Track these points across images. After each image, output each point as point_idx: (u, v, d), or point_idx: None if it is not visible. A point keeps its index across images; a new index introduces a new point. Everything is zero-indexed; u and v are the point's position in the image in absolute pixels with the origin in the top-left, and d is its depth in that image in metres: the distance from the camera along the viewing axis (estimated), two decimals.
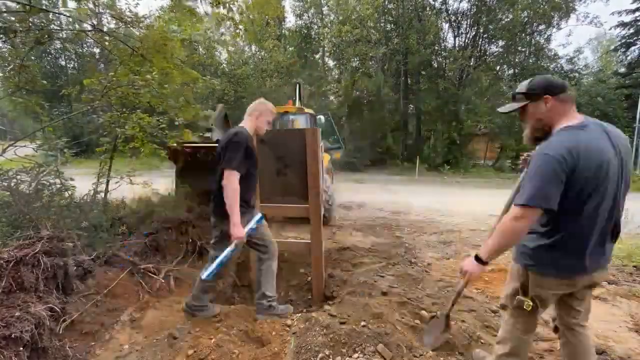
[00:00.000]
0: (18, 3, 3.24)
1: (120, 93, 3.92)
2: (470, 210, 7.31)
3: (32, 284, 2.22)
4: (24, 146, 3.55)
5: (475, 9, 17.14)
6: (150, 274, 3.18)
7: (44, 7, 3.93)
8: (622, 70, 20.94)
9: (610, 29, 20.91)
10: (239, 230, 2.28)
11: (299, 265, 3.98)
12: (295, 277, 3.86)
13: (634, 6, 18.69)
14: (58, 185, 3.36)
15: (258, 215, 2.57)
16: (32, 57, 16.31)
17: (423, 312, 2.69)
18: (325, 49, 20.75)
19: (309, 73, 19.49)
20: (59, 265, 2.41)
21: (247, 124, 2.61)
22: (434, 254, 4.48)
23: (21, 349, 1.88)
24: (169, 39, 3.86)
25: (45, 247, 2.42)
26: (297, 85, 8.77)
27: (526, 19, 16.59)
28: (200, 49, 18.02)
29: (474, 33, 17.84)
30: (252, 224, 2.47)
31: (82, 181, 3.85)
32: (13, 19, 3.40)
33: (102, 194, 4.02)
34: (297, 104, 7.97)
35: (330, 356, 2.08)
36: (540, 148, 1.51)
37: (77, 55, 21.34)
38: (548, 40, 17.92)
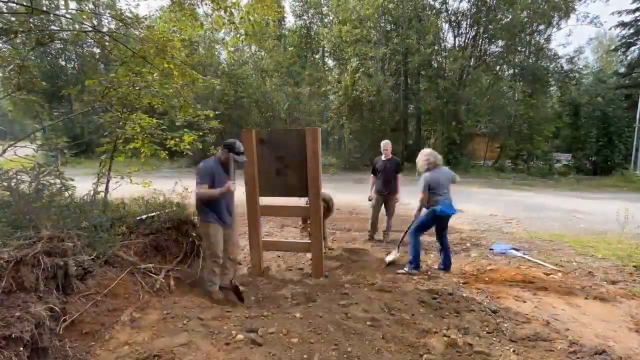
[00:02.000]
0: (19, 4, 3.24)
1: (121, 94, 3.93)
2: (470, 210, 7.31)
3: (32, 284, 2.22)
4: (24, 146, 3.54)
5: (475, 9, 17.13)
6: (150, 274, 3.19)
7: (44, 8, 3.93)
8: (622, 70, 20.95)
9: (610, 29, 20.97)
10: None
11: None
12: None
13: (634, 6, 18.72)
14: (58, 185, 3.35)
15: None
16: (32, 58, 16.33)
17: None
18: (325, 49, 20.73)
19: (309, 73, 19.47)
20: (59, 265, 2.41)
21: None
22: (436, 253, 4.48)
23: (21, 349, 1.88)
24: (170, 39, 3.86)
25: (45, 247, 2.42)
26: None
27: (526, 19, 16.57)
28: (201, 49, 18.03)
29: (474, 33, 17.82)
30: None
31: (82, 181, 3.85)
32: (13, 19, 3.40)
33: (102, 194, 4.01)
34: None
35: None
36: None
37: (77, 55, 21.34)
38: (548, 40, 17.92)
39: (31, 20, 3.48)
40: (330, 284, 3.50)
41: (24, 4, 3.21)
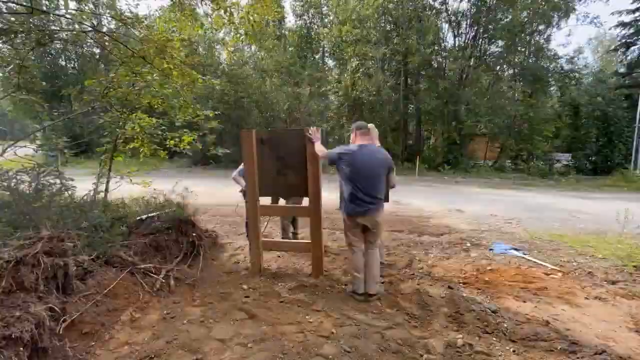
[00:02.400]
0: (19, 4, 3.24)
1: (121, 94, 3.93)
2: (471, 210, 7.30)
3: (32, 284, 2.22)
4: (24, 146, 3.54)
5: (475, 9, 17.13)
6: (150, 274, 3.19)
7: (44, 8, 3.93)
8: (622, 70, 20.95)
9: (610, 29, 21.00)
10: None
11: None
12: None
13: (634, 6, 18.73)
14: (58, 185, 3.35)
15: None
16: (32, 58, 16.30)
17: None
18: (325, 49, 20.73)
19: (309, 73, 19.47)
20: (59, 265, 2.41)
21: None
22: (436, 254, 4.48)
23: (21, 349, 1.88)
24: (170, 39, 3.86)
25: (45, 247, 2.42)
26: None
27: (526, 19, 16.58)
28: (201, 49, 18.02)
29: (473, 33, 17.82)
30: None
31: (82, 181, 3.85)
32: (13, 19, 3.40)
33: (102, 194, 4.02)
34: None
35: None
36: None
37: (77, 55, 21.34)
38: (548, 40, 17.91)
39: (31, 20, 3.48)
40: (330, 283, 3.49)
41: (24, 4, 3.21)
